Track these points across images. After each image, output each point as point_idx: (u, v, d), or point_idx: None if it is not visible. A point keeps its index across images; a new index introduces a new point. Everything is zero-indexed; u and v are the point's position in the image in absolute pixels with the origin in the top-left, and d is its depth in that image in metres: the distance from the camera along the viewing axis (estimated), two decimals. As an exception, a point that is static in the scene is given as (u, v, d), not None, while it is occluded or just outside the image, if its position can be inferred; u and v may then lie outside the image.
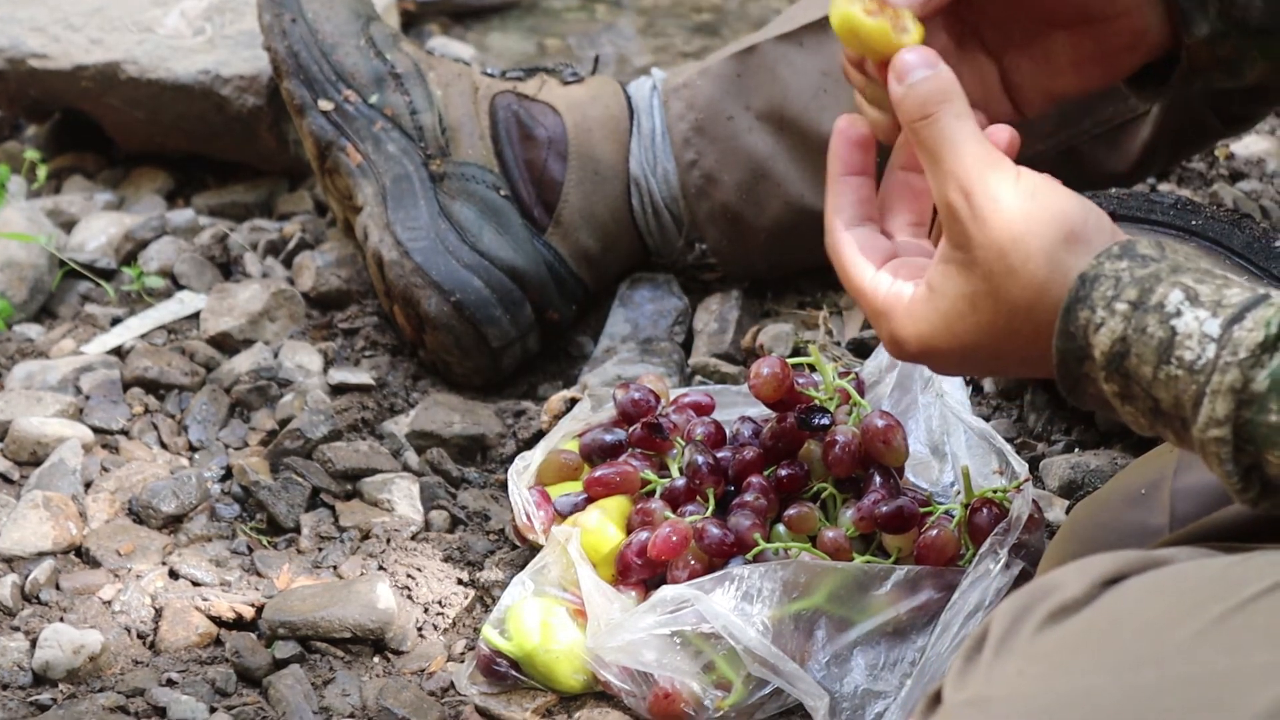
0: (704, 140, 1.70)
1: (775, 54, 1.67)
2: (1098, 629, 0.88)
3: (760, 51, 1.68)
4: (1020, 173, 1.03)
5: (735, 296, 1.76)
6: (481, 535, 1.52)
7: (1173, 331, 0.94)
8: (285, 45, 1.73)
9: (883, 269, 1.08)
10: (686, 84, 1.72)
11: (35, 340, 1.74)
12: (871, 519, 1.36)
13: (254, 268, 1.82)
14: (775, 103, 1.67)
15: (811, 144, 1.66)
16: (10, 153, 2.03)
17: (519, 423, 1.64)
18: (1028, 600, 0.91)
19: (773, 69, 1.67)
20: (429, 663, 1.39)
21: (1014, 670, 0.87)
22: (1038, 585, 0.91)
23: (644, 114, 1.73)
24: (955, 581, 1.30)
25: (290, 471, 1.56)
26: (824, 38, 1.65)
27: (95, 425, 1.62)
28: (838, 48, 1.65)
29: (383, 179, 1.71)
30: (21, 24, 1.97)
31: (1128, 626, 0.87)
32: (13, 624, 1.41)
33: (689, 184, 1.71)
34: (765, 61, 1.68)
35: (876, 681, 1.28)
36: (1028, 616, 0.90)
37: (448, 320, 1.67)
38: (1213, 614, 0.85)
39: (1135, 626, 0.87)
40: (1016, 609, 0.90)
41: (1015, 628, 0.90)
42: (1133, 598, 0.89)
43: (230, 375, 1.67)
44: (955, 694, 0.88)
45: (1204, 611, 0.86)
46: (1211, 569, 0.90)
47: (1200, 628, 0.85)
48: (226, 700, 1.34)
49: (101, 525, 1.51)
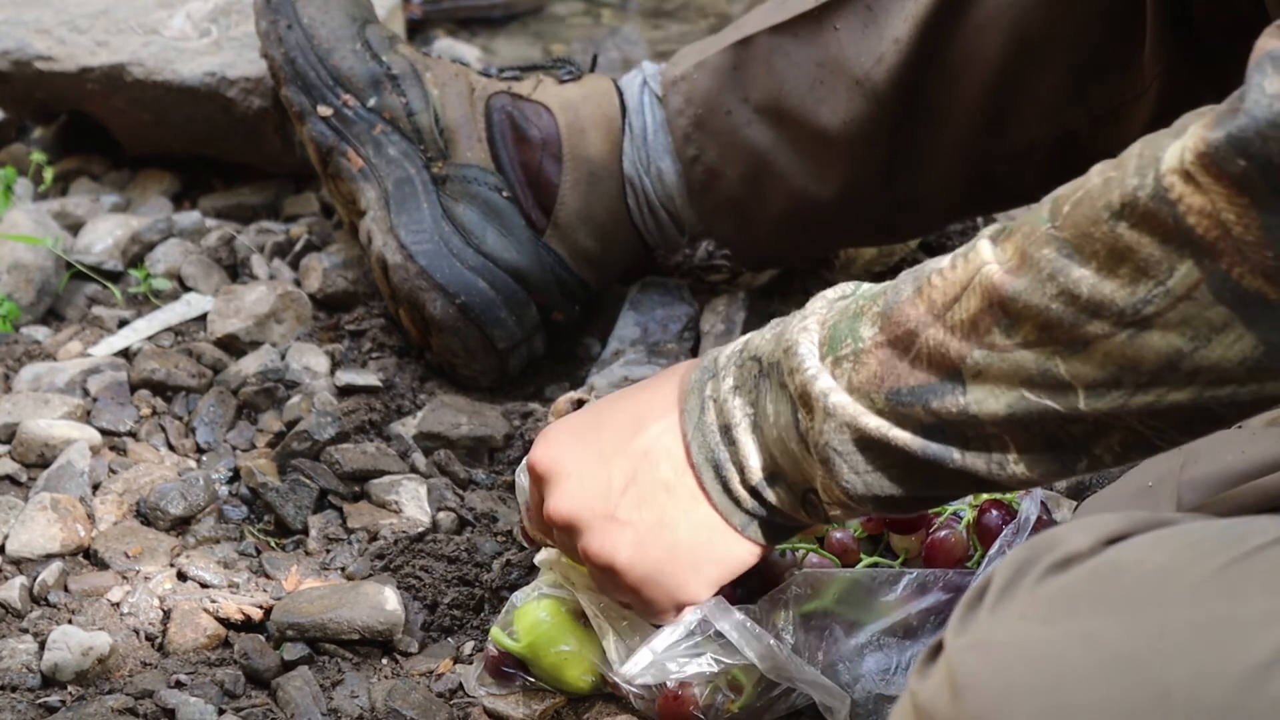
0: (704, 135, 1.70)
1: (770, 46, 1.67)
2: (1100, 576, 0.89)
3: (755, 43, 1.68)
4: None
5: (742, 298, 1.76)
6: (489, 536, 1.52)
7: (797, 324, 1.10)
8: (282, 52, 1.73)
9: None
10: (684, 77, 1.71)
11: (42, 342, 1.74)
12: (879, 519, 1.36)
13: (261, 270, 1.82)
14: (772, 95, 1.67)
15: (809, 136, 1.65)
16: (16, 155, 2.04)
17: (526, 424, 1.64)
18: (1031, 553, 0.92)
19: (768, 61, 1.67)
20: (437, 664, 1.39)
21: (1015, 615, 0.88)
22: (1041, 539, 0.92)
23: (635, 112, 1.73)
24: (964, 583, 1.30)
25: (298, 473, 1.56)
26: (818, 29, 1.64)
27: (103, 427, 1.62)
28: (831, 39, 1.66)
29: (385, 183, 1.71)
30: (27, 26, 1.97)
31: (1130, 573, 0.88)
32: (21, 626, 1.41)
33: (693, 179, 1.71)
34: (760, 53, 1.67)
35: (889, 685, 1.28)
36: (1030, 567, 0.91)
37: (453, 323, 1.67)
38: (1216, 563, 0.86)
39: (1138, 574, 0.88)
40: (1020, 561, 0.92)
41: (1018, 578, 0.91)
42: (1137, 549, 0.90)
43: (237, 377, 1.68)
44: (956, 639, 0.89)
45: (1208, 561, 0.86)
46: (1216, 526, 0.91)
47: (1203, 575, 0.86)
48: (235, 702, 1.34)
49: (109, 527, 1.51)
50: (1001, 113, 1.57)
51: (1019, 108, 1.57)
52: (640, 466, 1.14)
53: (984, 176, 1.64)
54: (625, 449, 1.15)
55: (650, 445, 1.14)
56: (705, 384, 1.12)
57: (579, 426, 1.19)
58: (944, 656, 0.89)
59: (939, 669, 0.89)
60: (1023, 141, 1.59)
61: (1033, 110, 1.57)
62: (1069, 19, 1.52)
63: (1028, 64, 1.56)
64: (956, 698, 0.86)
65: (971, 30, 1.55)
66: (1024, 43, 1.54)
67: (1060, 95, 1.56)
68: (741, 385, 1.10)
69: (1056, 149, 1.59)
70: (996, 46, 1.55)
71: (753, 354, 1.11)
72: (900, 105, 1.61)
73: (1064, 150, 1.59)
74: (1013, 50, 1.55)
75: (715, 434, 1.11)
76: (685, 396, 1.13)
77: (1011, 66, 1.55)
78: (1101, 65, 1.54)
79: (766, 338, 1.10)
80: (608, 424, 1.17)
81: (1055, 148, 1.59)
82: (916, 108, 1.61)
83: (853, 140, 1.63)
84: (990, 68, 1.55)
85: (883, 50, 1.59)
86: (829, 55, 1.64)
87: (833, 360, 1.04)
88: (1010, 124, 1.58)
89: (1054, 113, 1.57)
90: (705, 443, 1.11)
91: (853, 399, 1.04)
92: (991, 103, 1.57)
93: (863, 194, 1.66)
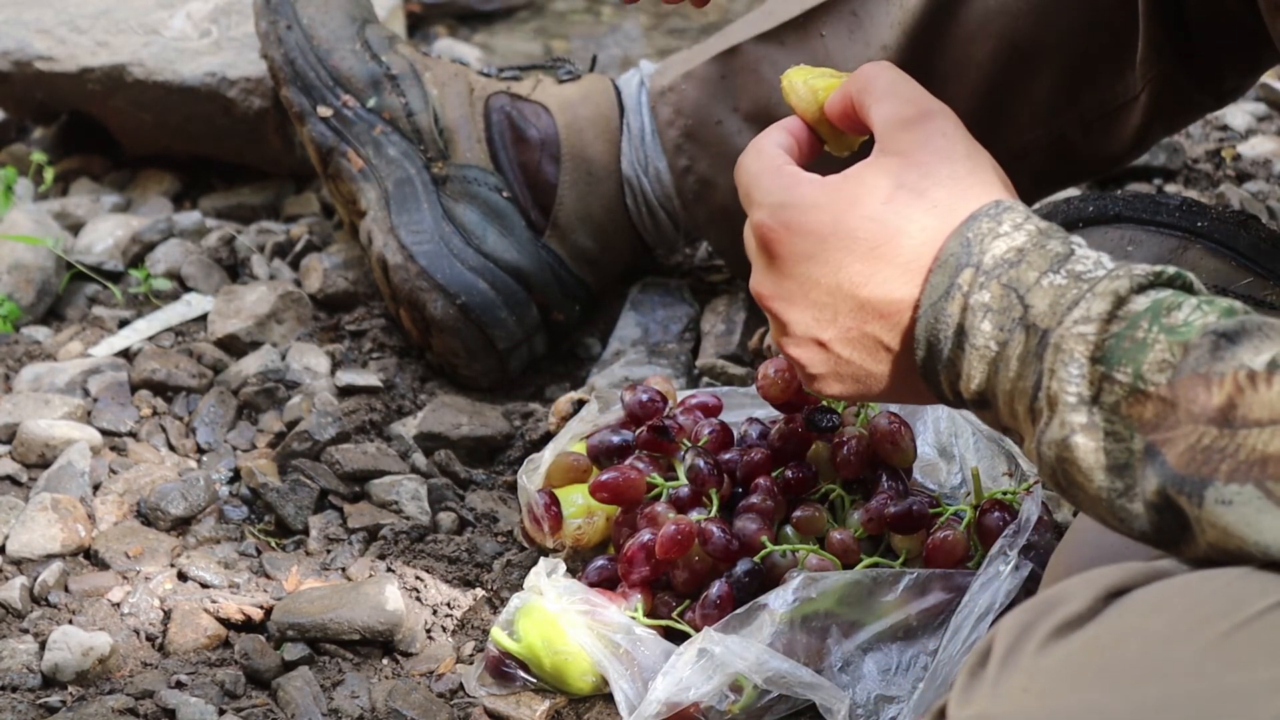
0: (695, 146, 1.70)
1: (757, 54, 1.66)
2: (1102, 645, 0.88)
3: (743, 52, 1.67)
4: None
5: (742, 298, 1.77)
6: (490, 537, 1.52)
7: (1072, 250, 0.99)
8: (281, 53, 1.73)
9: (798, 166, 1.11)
10: (672, 88, 1.71)
11: (43, 343, 1.74)
12: (880, 519, 1.36)
13: (261, 270, 1.82)
14: (761, 104, 1.67)
15: None
16: (17, 155, 2.04)
17: (527, 424, 1.64)
18: (1032, 615, 0.91)
19: (756, 70, 1.66)
20: (438, 664, 1.39)
21: (1018, 687, 0.87)
22: (1042, 599, 0.91)
23: (632, 112, 1.73)
24: (965, 584, 1.30)
25: (298, 473, 1.56)
26: (805, 36, 1.64)
27: (103, 427, 1.62)
28: (818, 45, 1.66)
29: (385, 183, 1.71)
30: (27, 26, 1.97)
31: (1132, 642, 0.87)
32: (22, 626, 1.41)
33: (685, 189, 1.71)
34: (748, 63, 1.67)
35: (889, 686, 1.28)
36: (1032, 632, 0.90)
37: (454, 323, 1.67)
38: (1218, 630, 0.85)
39: (1139, 642, 0.87)
40: (1021, 624, 0.90)
41: (1019, 643, 0.89)
42: (1137, 613, 0.89)
43: (238, 377, 1.68)
44: (959, 710, 0.88)
45: (1209, 627, 0.86)
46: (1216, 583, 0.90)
47: (1205, 644, 0.85)
48: (235, 702, 1.34)
49: (110, 527, 1.51)
50: (994, 118, 1.57)
51: (1011, 113, 1.57)
52: (860, 315, 1.05)
53: None
54: (854, 292, 1.05)
55: (876, 298, 1.04)
56: (961, 269, 1.01)
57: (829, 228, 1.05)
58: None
59: None
60: (1016, 146, 1.58)
61: (1025, 115, 1.57)
62: (1060, 24, 1.52)
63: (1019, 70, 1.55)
64: None
65: (961, 37, 1.54)
66: (1015, 49, 1.54)
67: (1052, 100, 1.56)
68: (998, 311, 1.00)
69: (1050, 153, 1.59)
70: (987, 53, 1.55)
71: (1020, 292, 0.99)
72: None
73: (1058, 154, 1.59)
74: (1003, 57, 1.55)
75: (949, 328, 1.01)
76: (936, 266, 1.02)
77: (1002, 73, 1.55)
78: (1094, 70, 1.54)
79: (1043, 286, 0.98)
80: (849, 249, 1.05)
81: (1049, 151, 1.59)
82: None
83: None
84: (981, 74, 1.55)
85: (870, 57, 1.59)
86: (816, 62, 1.63)
87: (1103, 375, 0.94)
88: (1003, 129, 1.58)
89: (1046, 117, 1.57)
90: (934, 326, 1.02)
91: (1094, 448, 0.95)
92: (983, 108, 1.57)
93: None
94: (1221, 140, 2.07)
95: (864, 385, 1.08)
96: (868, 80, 1.08)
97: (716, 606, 1.32)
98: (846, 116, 1.10)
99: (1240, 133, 2.09)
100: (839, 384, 1.08)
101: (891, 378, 1.06)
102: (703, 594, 1.34)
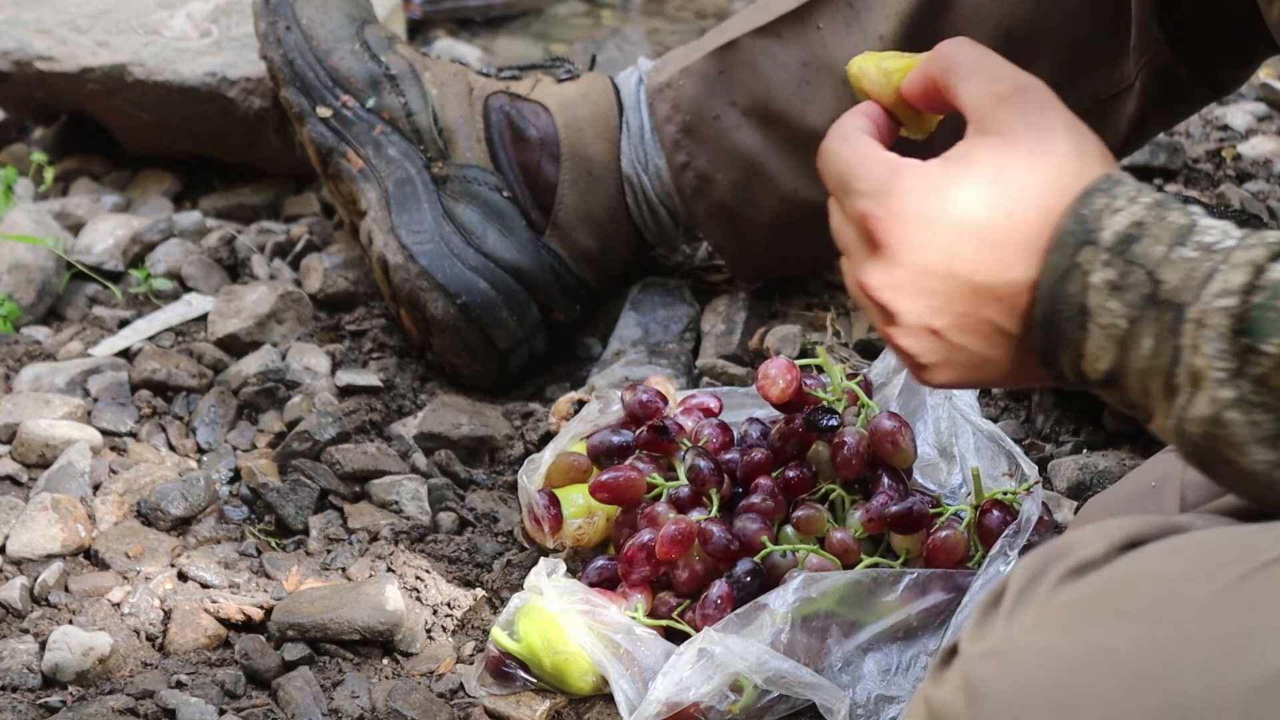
0: (694, 142, 1.70)
1: (755, 48, 1.66)
2: (1116, 586, 0.88)
3: (740, 46, 1.67)
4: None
5: (742, 298, 1.76)
6: (490, 537, 1.52)
7: (1194, 220, 0.95)
8: (281, 54, 1.73)
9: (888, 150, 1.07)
10: (669, 84, 1.71)
11: (43, 342, 1.74)
12: (881, 519, 1.36)
13: (261, 270, 1.82)
14: (759, 98, 1.67)
15: (799, 137, 1.65)
16: (17, 155, 2.04)
17: (527, 424, 1.64)
18: (1046, 558, 0.91)
19: (754, 64, 1.66)
20: (438, 664, 1.39)
21: (1031, 623, 0.88)
22: (1056, 544, 0.91)
23: (631, 110, 1.73)
24: (965, 584, 1.30)
25: (298, 473, 1.56)
26: (801, 28, 1.64)
27: (103, 427, 1.62)
28: (815, 38, 1.66)
29: (385, 183, 1.71)
30: (27, 26, 1.97)
31: (1147, 584, 0.87)
32: (22, 626, 1.41)
33: (684, 185, 1.71)
34: (745, 57, 1.67)
35: (890, 686, 1.28)
36: (1046, 573, 0.90)
37: (454, 323, 1.67)
38: (1233, 574, 0.85)
39: (1154, 584, 0.87)
40: (1034, 566, 0.91)
41: (1033, 584, 0.90)
42: (1153, 558, 0.89)
43: (238, 377, 1.68)
44: (971, 646, 0.89)
45: (1224, 572, 0.86)
46: (1232, 535, 0.90)
47: (1220, 587, 0.85)
48: (236, 702, 1.34)
49: (110, 527, 1.51)
50: None
51: None
52: (975, 301, 1.02)
53: None
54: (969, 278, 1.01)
55: (992, 282, 1.01)
56: (1080, 247, 0.98)
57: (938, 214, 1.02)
58: (959, 662, 0.88)
59: (954, 675, 0.88)
60: None
61: None
62: (1054, 12, 1.52)
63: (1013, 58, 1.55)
64: (973, 706, 0.86)
65: (957, 26, 1.54)
66: (1010, 37, 1.54)
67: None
68: (1124, 288, 0.96)
69: None
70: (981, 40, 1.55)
71: (1147, 267, 0.96)
72: None
73: None
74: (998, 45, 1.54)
75: (1071, 308, 0.98)
76: (1053, 246, 0.99)
77: None
78: (1088, 57, 1.54)
79: (1173, 260, 0.95)
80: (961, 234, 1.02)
81: None
82: None
83: None
84: None
85: (867, 48, 1.60)
86: (813, 55, 1.64)
87: (1247, 348, 0.91)
88: None
89: None
90: (1054, 307, 0.99)
91: (1245, 421, 0.92)
92: None
93: None
94: (1222, 140, 2.07)
95: (979, 372, 1.04)
96: (950, 58, 1.05)
97: (717, 606, 1.32)
98: (928, 96, 1.07)
99: (1240, 132, 2.09)
100: (952, 372, 1.05)
101: (1009, 362, 1.03)
102: (703, 594, 1.34)
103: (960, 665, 0.88)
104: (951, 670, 0.89)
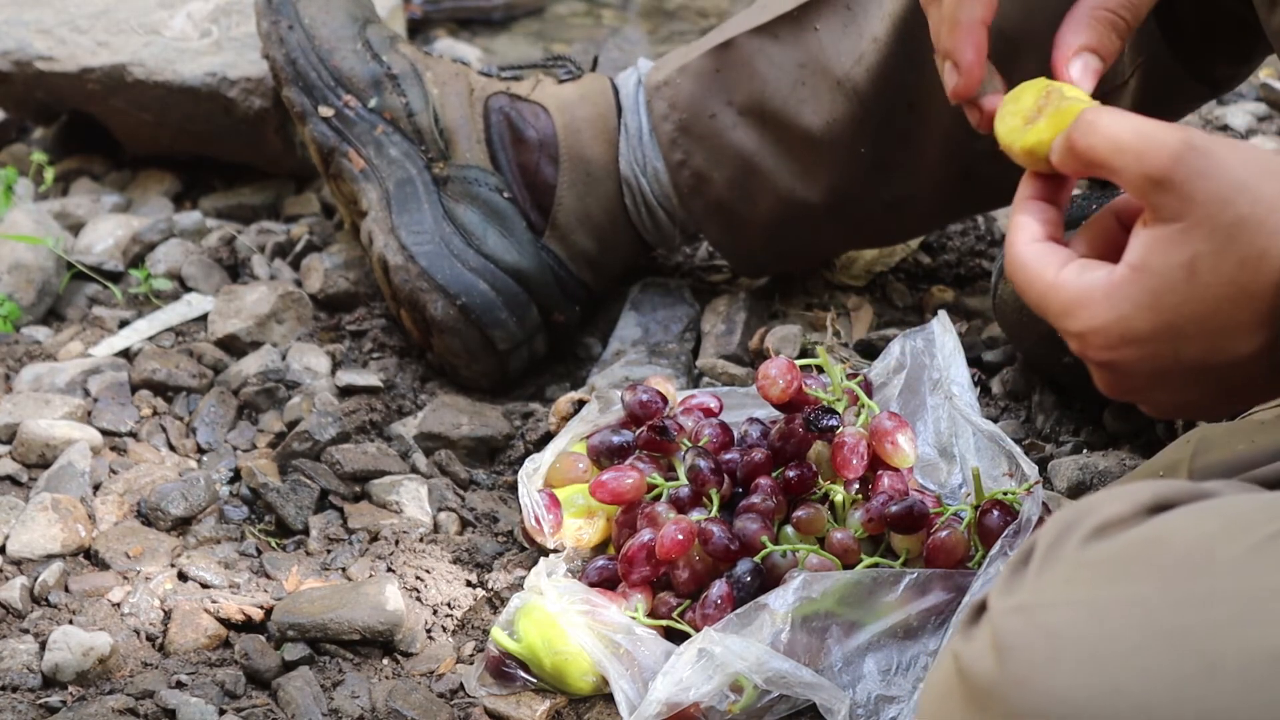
0: (690, 140, 1.70)
1: (752, 48, 1.66)
2: (1147, 542, 0.88)
3: (737, 46, 1.67)
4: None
5: (742, 298, 1.76)
6: (490, 537, 1.52)
7: None
8: (283, 53, 1.73)
9: (1066, 268, 1.03)
10: (667, 82, 1.71)
11: (43, 343, 1.74)
12: (881, 519, 1.36)
13: (261, 270, 1.82)
14: (755, 98, 1.67)
15: (794, 137, 1.65)
16: (17, 155, 2.04)
17: (527, 424, 1.64)
18: (1074, 516, 0.91)
19: (750, 64, 1.67)
20: (438, 664, 1.39)
21: (1061, 578, 0.88)
22: (1083, 504, 0.92)
23: (630, 112, 1.73)
24: (965, 584, 1.30)
25: (299, 474, 1.56)
26: (799, 29, 1.64)
27: (104, 428, 1.62)
28: (812, 39, 1.66)
29: (386, 183, 1.71)
30: (28, 26, 1.97)
31: (1177, 541, 0.87)
32: (22, 626, 1.41)
33: (681, 183, 1.71)
34: (742, 56, 1.67)
35: (890, 686, 1.28)
36: (1074, 530, 0.90)
37: (454, 324, 1.67)
38: (1262, 534, 0.86)
39: (1184, 541, 0.87)
40: (1063, 524, 0.91)
41: (1061, 540, 0.90)
42: (1183, 519, 0.89)
43: (238, 377, 1.68)
44: (1001, 601, 0.89)
45: (1254, 531, 0.86)
46: (1261, 499, 0.91)
47: (1250, 545, 0.86)
48: (236, 702, 1.34)
49: (110, 527, 1.51)
50: None
51: None
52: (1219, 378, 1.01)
53: (968, 172, 1.64)
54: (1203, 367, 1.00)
55: (1229, 362, 0.99)
56: None
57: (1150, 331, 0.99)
58: (988, 618, 0.89)
59: (983, 631, 0.88)
60: None
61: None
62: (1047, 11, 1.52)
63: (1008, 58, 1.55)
64: (1001, 660, 0.86)
65: None
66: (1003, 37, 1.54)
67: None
68: None
69: None
70: None
71: None
72: (882, 104, 1.61)
73: None
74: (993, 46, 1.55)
75: None
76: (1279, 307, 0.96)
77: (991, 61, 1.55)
78: None
79: None
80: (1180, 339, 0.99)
81: None
82: (898, 106, 1.61)
83: (836, 140, 1.63)
84: None
85: (862, 49, 1.60)
86: (810, 56, 1.64)
87: None
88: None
89: None
90: None
91: None
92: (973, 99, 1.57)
93: (851, 194, 1.67)
94: (1222, 141, 2.07)
95: (1239, 402, 1.06)
96: (1089, 150, 1.01)
97: (717, 606, 1.32)
98: (1089, 170, 1.03)
99: (1241, 133, 2.09)
100: (1214, 416, 1.07)
101: (1260, 392, 1.02)
102: (703, 594, 1.34)
103: (989, 620, 0.88)
104: (980, 626, 0.89)
